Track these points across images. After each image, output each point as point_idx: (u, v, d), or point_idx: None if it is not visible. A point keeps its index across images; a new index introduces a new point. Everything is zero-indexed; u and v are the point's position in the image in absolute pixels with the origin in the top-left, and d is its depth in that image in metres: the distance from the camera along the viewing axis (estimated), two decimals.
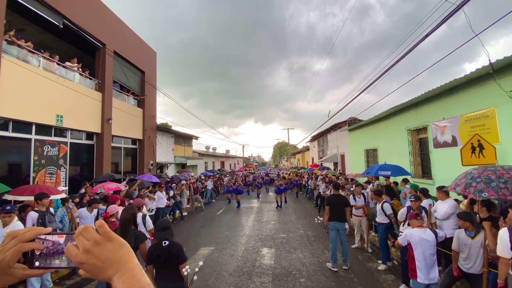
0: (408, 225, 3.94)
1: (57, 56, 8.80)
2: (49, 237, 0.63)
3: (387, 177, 8.52)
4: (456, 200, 5.29)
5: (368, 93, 9.36)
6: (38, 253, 0.62)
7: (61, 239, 0.63)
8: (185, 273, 2.99)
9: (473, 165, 4.98)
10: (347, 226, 5.86)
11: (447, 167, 6.78)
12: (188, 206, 13.20)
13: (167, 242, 3.12)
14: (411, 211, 4.47)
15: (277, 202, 13.63)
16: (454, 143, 6.56)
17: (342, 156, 17.19)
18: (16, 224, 4.26)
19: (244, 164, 47.80)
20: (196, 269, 3.22)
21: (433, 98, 7.37)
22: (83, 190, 8.05)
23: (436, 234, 3.57)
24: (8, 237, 0.61)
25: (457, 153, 5.73)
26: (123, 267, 0.57)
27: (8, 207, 4.19)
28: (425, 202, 5.14)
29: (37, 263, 0.62)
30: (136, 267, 0.58)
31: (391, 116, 10.13)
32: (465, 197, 4.72)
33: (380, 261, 5.75)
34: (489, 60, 4.86)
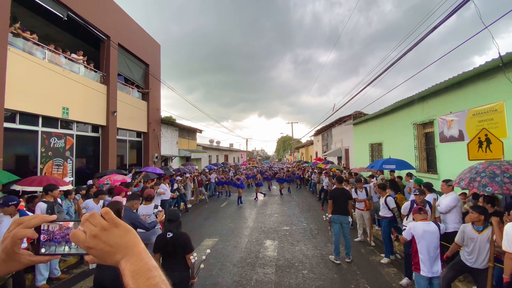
0: (413, 219, 3.94)
1: (68, 52, 8.82)
2: (57, 222, 0.64)
3: (392, 171, 8.47)
4: (464, 194, 5.26)
5: (374, 86, 9.24)
6: (44, 240, 0.63)
7: (68, 226, 0.64)
8: (193, 261, 3.06)
9: (479, 159, 4.92)
10: (350, 219, 5.88)
11: (453, 161, 6.71)
12: (192, 198, 13.34)
13: (171, 234, 3.17)
14: (415, 205, 4.46)
15: (256, 194, 13.73)
16: (461, 137, 6.47)
17: (347, 150, 17.11)
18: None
19: (248, 158, 47.88)
20: (204, 257, 3.29)
21: (441, 92, 7.25)
22: (90, 182, 8.19)
23: (439, 227, 3.57)
24: (14, 224, 0.61)
25: (464, 148, 5.66)
26: (130, 251, 0.58)
27: (11, 203, 4.21)
28: (429, 197, 5.12)
29: (43, 250, 0.63)
30: (143, 251, 0.59)
31: (397, 110, 10.01)
32: (476, 195, 4.70)
33: (383, 255, 5.78)
34: (499, 52, 4.74)
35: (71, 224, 0.64)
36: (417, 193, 4.74)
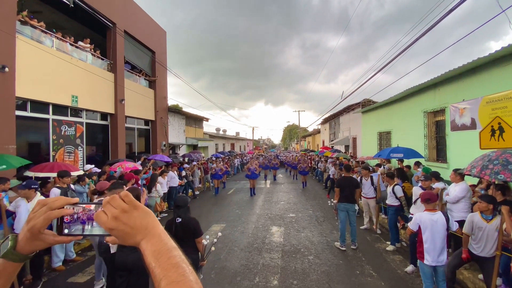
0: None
1: (72, 38, 8.82)
2: (80, 205, 0.67)
3: (400, 160, 8.38)
4: (473, 185, 5.19)
5: (384, 73, 9.02)
6: (67, 221, 0.65)
7: (90, 208, 0.67)
8: (205, 243, 3.17)
9: (491, 148, 4.81)
10: (356, 207, 5.91)
11: (464, 150, 6.59)
12: (200, 185, 13.57)
13: (179, 219, 3.27)
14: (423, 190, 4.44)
15: (251, 189, 12.01)
16: (473, 125, 6.32)
17: (354, 139, 16.96)
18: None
19: (254, 147, 47.99)
20: (215, 240, 3.39)
21: (453, 79, 7.04)
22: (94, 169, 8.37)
23: (448, 218, 3.54)
24: (38, 205, 0.64)
25: (475, 137, 5.52)
26: (150, 233, 0.61)
27: (33, 186, 4.40)
28: (436, 185, 5.09)
29: (66, 231, 0.66)
30: (162, 233, 0.62)
31: (407, 98, 9.80)
32: (489, 186, 4.61)
33: (388, 242, 5.82)
34: None
35: (92, 206, 0.67)
36: (423, 178, 4.73)
